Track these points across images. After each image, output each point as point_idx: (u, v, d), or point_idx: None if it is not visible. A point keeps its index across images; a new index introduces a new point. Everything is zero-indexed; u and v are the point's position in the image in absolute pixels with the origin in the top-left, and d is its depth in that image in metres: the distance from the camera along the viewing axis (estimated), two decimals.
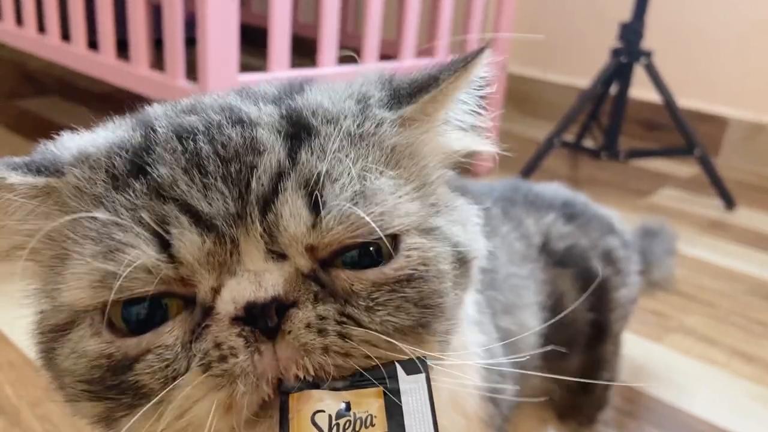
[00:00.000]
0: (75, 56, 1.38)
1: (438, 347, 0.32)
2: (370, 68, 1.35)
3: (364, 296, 0.30)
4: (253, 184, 0.30)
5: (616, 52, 1.58)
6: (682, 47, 2.00)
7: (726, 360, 1.00)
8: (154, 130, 0.33)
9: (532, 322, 0.57)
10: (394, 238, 0.32)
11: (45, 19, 1.44)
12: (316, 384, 0.26)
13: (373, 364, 0.28)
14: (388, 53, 1.52)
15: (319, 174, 0.30)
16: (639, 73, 1.60)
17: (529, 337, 0.58)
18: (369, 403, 0.25)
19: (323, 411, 0.25)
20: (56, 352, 0.31)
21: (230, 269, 0.29)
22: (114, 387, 0.29)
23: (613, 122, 1.61)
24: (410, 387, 0.26)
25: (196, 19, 1.07)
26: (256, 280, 0.28)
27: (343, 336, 0.28)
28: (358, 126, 0.33)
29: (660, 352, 1.01)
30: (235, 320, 0.28)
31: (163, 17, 1.13)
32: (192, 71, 1.15)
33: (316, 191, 0.30)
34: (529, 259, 0.60)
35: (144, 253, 0.28)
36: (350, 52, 1.31)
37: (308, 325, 0.28)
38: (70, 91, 2.17)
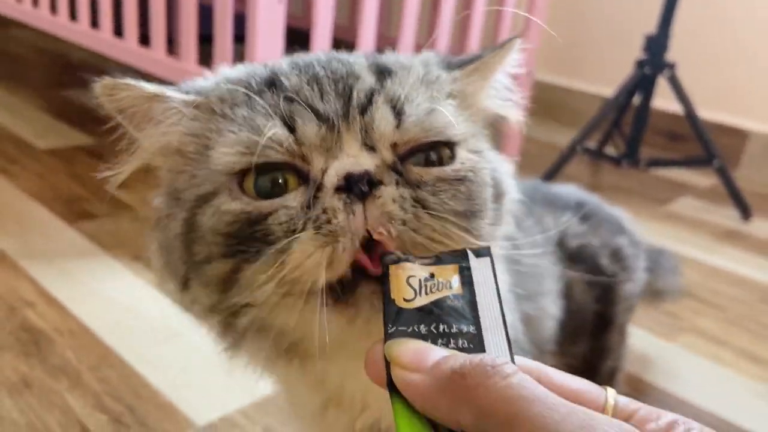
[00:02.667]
0: (126, 51, 1.46)
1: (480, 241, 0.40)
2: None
3: (430, 185, 0.39)
4: (354, 96, 0.40)
5: (640, 64, 1.63)
6: (706, 60, 2.04)
7: (734, 360, 1.06)
8: (279, 65, 0.44)
9: (551, 308, 0.64)
10: (452, 150, 0.41)
11: (98, 15, 1.53)
12: (408, 260, 0.34)
13: (433, 246, 0.36)
14: None
15: (400, 95, 0.41)
16: (662, 84, 1.65)
17: (548, 321, 0.64)
18: (449, 275, 0.33)
19: (414, 276, 0.33)
20: (198, 216, 0.40)
21: (334, 154, 0.38)
22: (248, 237, 0.38)
23: (635, 131, 1.66)
24: (478, 265, 0.33)
25: (241, 18, 1.15)
26: (354, 160, 0.38)
27: (416, 216, 0.37)
28: (425, 74, 0.44)
29: (672, 350, 1.07)
30: (337, 190, 0.37)
31: (214, 16, 1.21)
32: None
33: (399, 105, 0.40)
34: (548, 252, 0.67)
35: (280, 130, 0.38)
36: None
37: (393, 200, 0.37)
38: None
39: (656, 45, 1.60)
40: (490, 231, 0.42)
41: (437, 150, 0.41)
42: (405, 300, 0.32)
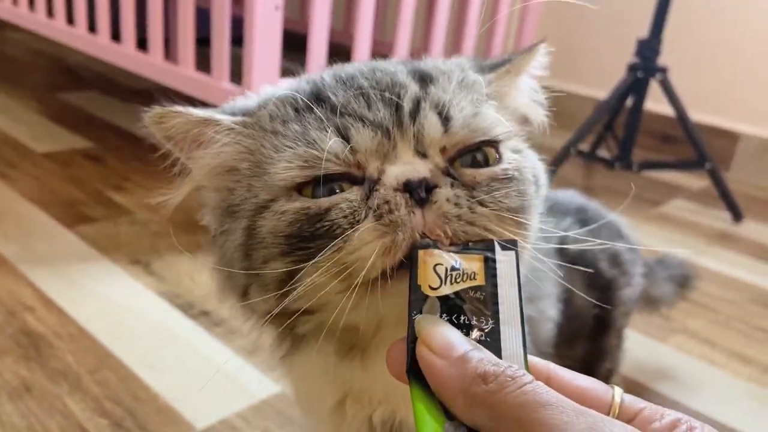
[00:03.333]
0: (124, 55, 1.47)
1: (528, 239, 0.43)
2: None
3: (485, 185, 0.41)
4: (403, 105, 0.41)
5: (632, 68, 1.65)
6: (698, 64, 2.06)
7: (726, 361, 1.07)
8: (322, 80, 0.45)
9: (550, 311, 0.65)
10: (497, 149, 0.43)
11: (96, 19, 1.54)
12: (437, 247, 0.36)
13: (488, 236, 0.38)
14: None
15: (444, 101, 0.42)
16: (655, 87, 1.67)
17: (547, 324, 0.65)
18: (473, 264, 0.35)
19: (441, 264, 0.34)
20: (258, 222, 0.42)
21: (390, 160, 0.40)
22: (308, 235, 0.40)
23: (627, 134, 1.68)
24: (503, 258, 0.35)
25: (239, 21, 1.16)
26: (411, 167, 0.39)
27: (471, 209, 0.39)
28: (463, 79, 0.46)
29: (664, 351, 1.09)
30: (396, 191, 0.38)
31: (212, 23, 1.22)
32: (234, 71, 1.24)
33: (444, 110, 0.42)
34: (549, 256, 0.68)
35: (336, 143, 0.40)
36: None
37: (448, 200, 0.38)
38: (109, 87, 2.27)
39: (648, 49, 1.62)
40: (536, 225, 0.45)
41: (483, 150, 0.42)
42: (431, 288, 0.34)
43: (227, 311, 0.49)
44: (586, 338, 0.74)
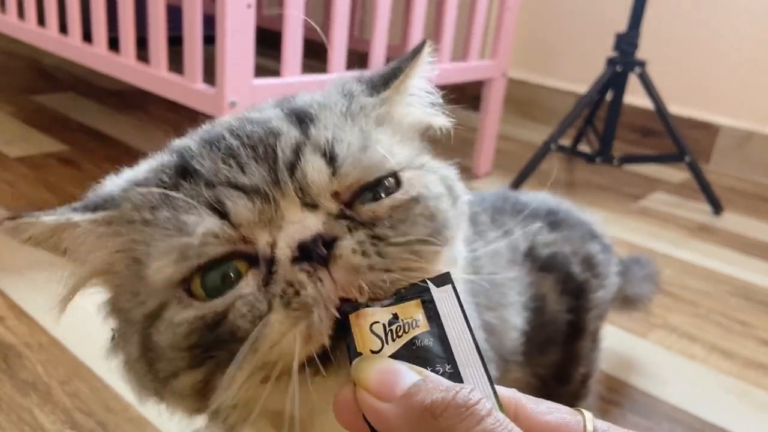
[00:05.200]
0: (96, 57, 1.44)
1: (447, 261, 0.39)
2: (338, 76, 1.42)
3: (386, 218, 0.37)
4: (279, 156, 0.37)
5: (611, 62, 1.65)
6: (677, 57, 2.06)
7: (706, 356, 1.07)
8: (188, 148, 0.40)
9: (514, 319, 0.64)
10: (396, 177, 0.40)
11: (66, 19, 1.51)
12: (366, 306, 0.33)
13: (410, 276, 0.34)
14: (394, 57, 1.58)
15: (328, 139, 0.38)
16: (634, 80, 1.67)
17: (511, 332, 0.64)
18: (412, 312, 0.32)
19: (378, 322, 0.31)
20: (153, 335, 0.37)
21: (277, 225, 0.36)
22: (212, 342, 0.35)
23: (607, 129, 1.68)
24: (441, 296, 0.32)
25: (210, 18, 1.14)
26: (301, 225, 0.35)
27: (380, 254, 0.35)
28: (347, 108, 0.42)
29: (644, 346, 1.08)
30: (294, 261, 0.34)
31: (183, 25, 1.20)
32: (208, 71, 1.21)
33: (329, 150, 0.38)
34: (516, 263, 0.67)
35: (211, 222, 0.35)
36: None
37: (353, 250, 0.34)
38: (84, 88, 2.24)
39: (627, 43, 1.62)
40: (457, 238, 0.41)
41: (381, 183, 0.39)
42: (372, 351, 0.31)
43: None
44: (560, 344, 0.73)
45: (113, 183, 0.42)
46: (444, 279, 0.33)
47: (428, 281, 0.33)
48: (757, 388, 1.00)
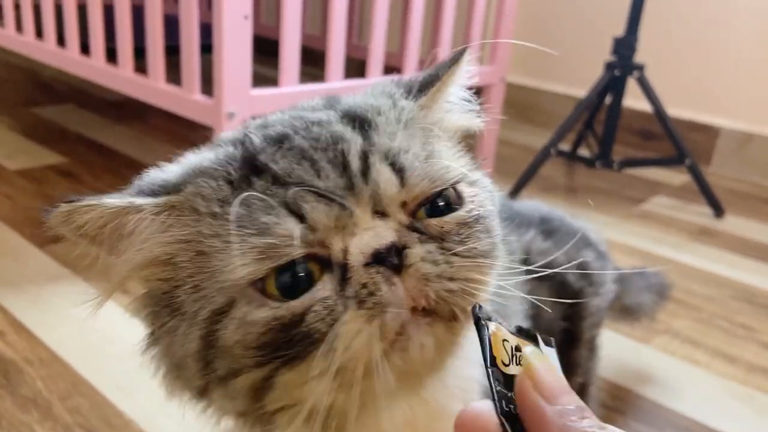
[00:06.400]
0: (94, 69, 1.44)
1: (498, 274, 0.41)
2: (375, 82, 1.42)
3: (454, 233, 0.38)
4: (351, 163, 0.37)
5: (609, 66, 1.65)
6: (676, 59, 2.06)
7: (709, 361, 1.07)
8: (251, 142, 0.39)
9: None
10: (455, 189, 0.41)
11: (64, 32, 1.51)
12: (497, 319, 0.34)
13: (471, 287, 0.37)
14: (392, 64, 1.59)
15: (392, 149, 0.39)
16: (634, 83, 1.67)
17: None
18: (526, 350, 0.33)
19: (508, 341, 0.32)
20: (219, 332, 0.37)
21: (350, 231, 0.36)
22: (284, 342, 0.36)
23: (607, 133, 1.67)
24: (547, 352, 0.34)
25: (208, 27, 1.14)
26: (374, 233, 0.36)
27: (449, 263, 0.36)
28: (398, 114, 0.42)
29: (647, 353, 1.08)
30: (367, 266, 0.35)
31: (180, 38, 1.20)
32: (206, 80, 1.21)
33: (397, 160, 0.38)
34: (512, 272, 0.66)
35: (290, 224, 0.36)
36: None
37: (422, 259, 0.35)
38: (84, 99, 2.24)
39: (625, 47, 1.62)
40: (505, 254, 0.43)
41: (443, 194, 0.40)
42: (503, 363, 0.32)
43: (176, 404, 0.44)
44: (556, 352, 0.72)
45: (167, 170, 0.41)
46: (550, 340, 0.35)
47: (539, 337, 0.34)
48: (761, 392, 0.99)
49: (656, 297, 0.97)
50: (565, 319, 0.70)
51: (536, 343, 0.34)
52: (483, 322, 0.33)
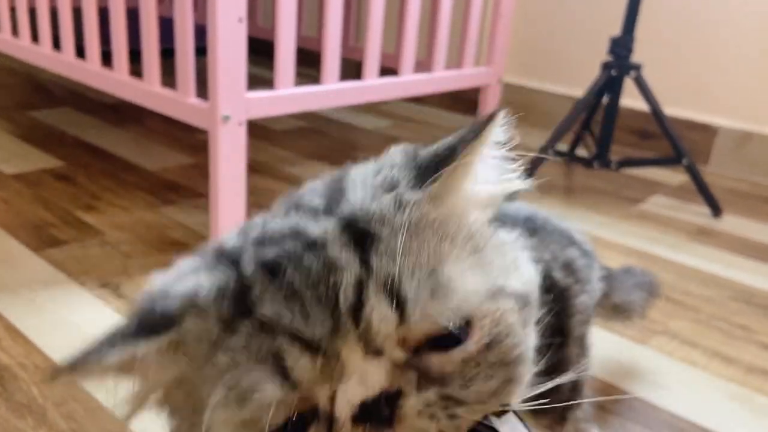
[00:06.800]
0: (89, 72, 1.44)
1: (522, 390, 0.37)
2: (373, 83, 1.42)
3: (457, 375, 0.34)
4: (341, 299, 0.33)
5: (606, 66, 1.64)
6: (673, 58, 2.06)
7: (707, 362, 1.06)
8: (245, 270, 0.36)
9: None
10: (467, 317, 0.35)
11: (60, 35, 1.51)
12: None
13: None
14: (388, 66, 1.59)
15: (393, 275, 0.33)
16: (631, 83, 1.66)
17: None
18: None
19: None
20: None
21: (338, 376, 0.33)
22: None
23: (604, 133, 1.67)
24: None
25: (202, 29, 1.14)
26: (363, 380, 0.32)
27: (450, 416, 0.33)
28: (406, 217, 0.36)
29: (644, 353, 1.07)
30: (355, 419, 0.32)
31: (175, 41, 1.20)
32: (202, 82, 1.21)
33: (396, 291, 0.33)
34: None
35: (272, 389, 0.32)
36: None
37: (419, 413, 0.32)
38: (81, 102, 2.24)
39: (621, 47, 1.61)
40: (529, 357, 0.38)
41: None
42: None
43: None
44: (545, 351, 0.72)
45: (168, 291, 0.38)
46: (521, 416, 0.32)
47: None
48: (760, 394, 0.99)
49: (646, 294, 0.97)
50: (553, 317, 0.70)
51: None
52: None
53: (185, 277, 0.38)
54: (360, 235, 0.35)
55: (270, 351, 0.33)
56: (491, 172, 0.40)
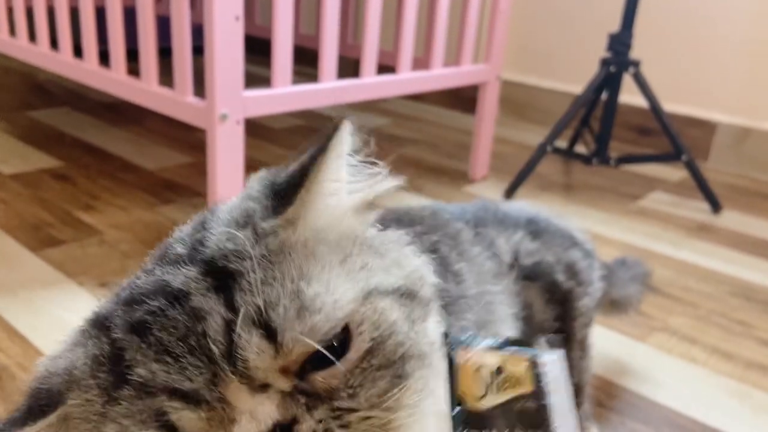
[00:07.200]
0: (87, 72, 1.44)
1: (420, 384, 0.36)
2: (371, 81, 1.42)
3: (343, 388, 0.34)
4: (212, 347, 0.33)
5: (605, 62, 1.64)
6: (672, 54, 2.06)
7: (706, 358, 1.06)
8: (115, 336, 0.36)
9: (507, 334, 0.63)
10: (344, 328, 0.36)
11: (57, 35, 1.50)
12: (473, 341, 0.31)
13: (381, 426, 0.33)
14: (386, 63, 1.58)
15: (259, 308, 0.34)
16: (630, 80, 1.66)
17: None
18: (519, 368, 0.30)
19: (484, 366, 0.30)
20: None
21: (230, 418, 0.33)
22: None
23: (603, 129, 1.67)
24: (551, 361, 0.31)
25: (199, 28, 1.13)
26: (254, 417, 0.33)
27: (343, 426, 0.33)
28: (264, 247, 0.36)
29: (644, 350, 1.07)
30: None
31: (172, 40, 1.19)
32: (198, 82, 1.21)
33: (264, 322, 0.34)
34: (502, 275, 0.66)
35: None
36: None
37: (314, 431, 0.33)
38: (79, 102, 2.24)
39: (620, 43, 1.61)
40: (420, 351, 0.37)
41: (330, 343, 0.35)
42: (474, 398, 0.29)
43: None
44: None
45: (49, 371, 0.38)
46: (555, 342, 0.32)
47: (543, 340, 0.31)
48: (759, 390, 0.99)
49: (641, 287, 0.97)
50: (556, 320, 0.70)
51: (535, 351, 0.31)
52: (449, 354, 0.30)
53: (64, 354, 0.38)
54: (222, 276, 0.35)
55: (153, 411, 0.33)
56: (355, 178, 0.40)
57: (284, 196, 0.39)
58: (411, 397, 0.35)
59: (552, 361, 0.31)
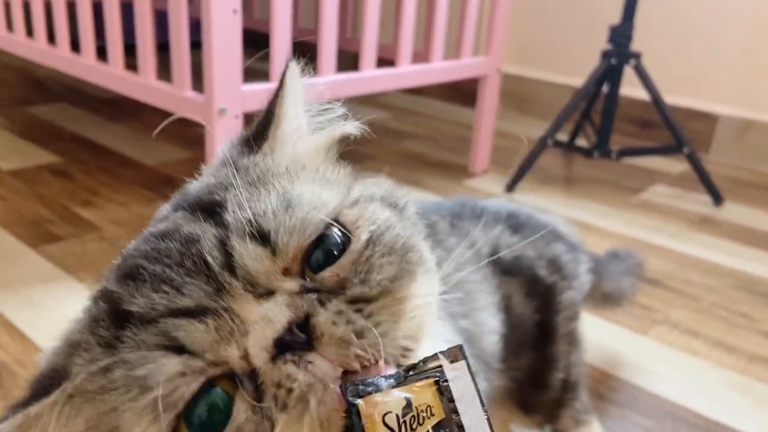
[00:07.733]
0: (84, 67, 1.43)
1: (427, 277, 0.38)
2: (370, 75, 1.41)
3: (352, 276, 0.34)
4: (211, 261, 0.33)
5: (606, 54, 1.63)
6: (673, 47, 2.04)
7: (708, 351, 1.06)
8: (112, 291, 0.36)
9: (490, 322, 0.62)
10: (338, 224, 0.37)
11: (54, 30, 1.50)
12: (376, 385, 0.29)
13: (400, 321, 0.33)
14: (385, 57, 1.57)
15: (248, 219, 0.34)
16: (631, 72, 1.65)
17: (490, 336, 0.63)
18: (426, 397, 0.28)
19: (390, 412, 0.28)
20: None
21: (242, 331, 0.32)
22: None
23: (604, 122, 1.66)
24: (455, 374, 0.29)
25: (197, 23, 1.13)
26: (266, 321, 0.32)
27: (366, 316, 0.33)
28: (244, 176, 0.38)
29: (645, 343, 1.07)
30: (275, 359, 0.31)
31: (170, 34, 1.19)
32: (197, 77, 1.20)
33: (256, 229, 0.34)
34: (481, 265, 0.65)
35: (168, 364, 0.32)
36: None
37: (333, 323, 0.32)
38: (78, 98, 2.23)
39: (620, 36, 1.60)
40: (418, 247, 0.38)
41: (324, 237, 0.35)
42: None
43: None
44: (531, 347, 0.71)
45: (52, 352, 0.38)
46: (455, 354, 0.30)
47: (440, 355, 0.30)
48: (762, 383, 0.99)
49: (634, 279, 0.96)
50: (537, 312, 0.69)
51: (437, 369, 0.29)
52: (351, 405, 0.29)
53: (67, 331, 0.39)
54: (208, 207, 0.36)
55: (158, 336, 0.32)
56: (317, 119, 0.44)
57: (257, 137, 0.42)
58: (421, 288, 0.36)
59: (455, 378, 0.29)
